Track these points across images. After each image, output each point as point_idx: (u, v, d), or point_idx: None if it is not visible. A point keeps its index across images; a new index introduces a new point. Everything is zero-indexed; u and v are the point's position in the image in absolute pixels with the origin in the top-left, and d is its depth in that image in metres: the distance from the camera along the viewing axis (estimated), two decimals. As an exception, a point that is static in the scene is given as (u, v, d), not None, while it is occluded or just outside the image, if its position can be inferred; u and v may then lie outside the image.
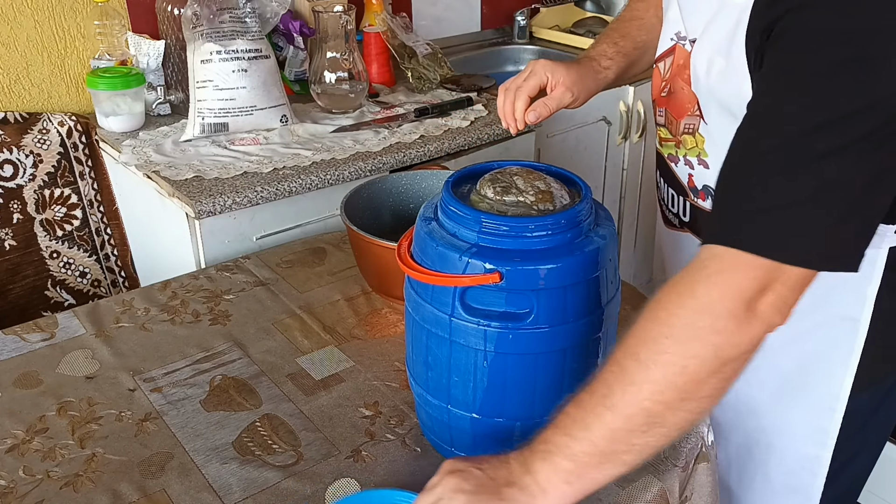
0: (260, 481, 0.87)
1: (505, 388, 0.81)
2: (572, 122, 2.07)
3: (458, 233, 0.78)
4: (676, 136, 1.01)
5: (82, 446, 0.92)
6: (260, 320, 1.17)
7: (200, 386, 1.03)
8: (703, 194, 1.01)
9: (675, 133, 1.01)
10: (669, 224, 1.13)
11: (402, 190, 1.30)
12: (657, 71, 1.04)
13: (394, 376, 1.05)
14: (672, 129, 1.01)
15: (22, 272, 1.71)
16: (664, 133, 1.04)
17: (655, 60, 1.05)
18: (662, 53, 1.02)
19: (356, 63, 1.80)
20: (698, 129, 0.97)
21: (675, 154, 1.02)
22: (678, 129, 1.00)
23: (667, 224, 1.14)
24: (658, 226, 1.21)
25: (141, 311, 1.19)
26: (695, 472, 0.94)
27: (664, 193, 1.12)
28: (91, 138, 1.75)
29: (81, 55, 1.78)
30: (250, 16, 1.65)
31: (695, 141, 0.98)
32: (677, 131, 1.00)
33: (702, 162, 0.98)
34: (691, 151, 0.99)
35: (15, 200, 1.68)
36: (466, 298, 0.78)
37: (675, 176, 1.05)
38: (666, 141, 1.04)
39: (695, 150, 0.98)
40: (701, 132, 0.97)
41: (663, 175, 1.09)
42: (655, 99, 1.06)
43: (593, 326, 0.81)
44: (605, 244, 0.80)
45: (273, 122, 1.68)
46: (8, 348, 1.10)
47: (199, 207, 1.39)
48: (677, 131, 1.00)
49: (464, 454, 0.88)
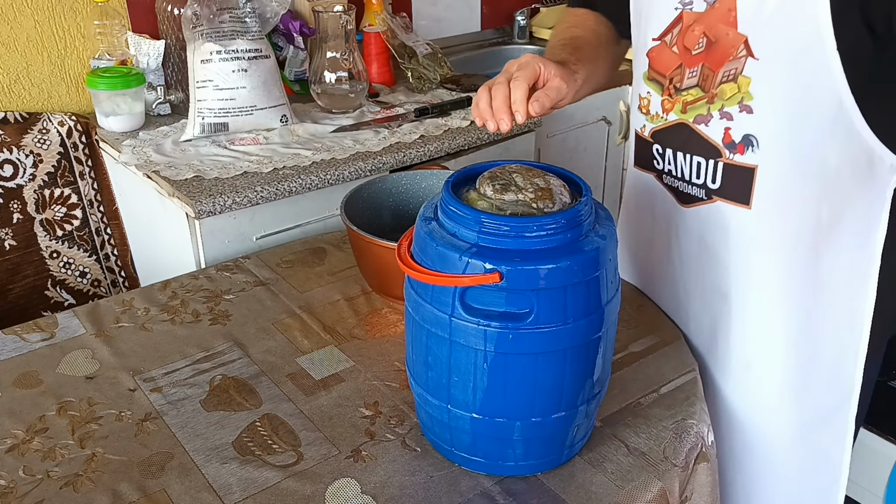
0: (260, 481, 0.87)
1: (505, 388, 0.81)
2: (572, 122, 2.07)
3: (458, 233, 0.78)
4: (711, 90, 0.99)
5: (82, 446, 0.92)
6: (260, 320, 1.17)
7: (200, 386, 1.03)
8: (742, 147, 0.98)
9: (710, 87, 0.99)
10: (687, 201, 1.09)
11: (402, 190, 1.30)
12: (664, 46, 1.04)
13: (394, 376, 1.05)
14: (706, 84, 1.00)
15: (22, 272, 1.71)
16: (692, 95, 1.02)
17: (659, 37, 1.04)
18: (667, 28, 1.03)
19: (356, 63, 1.80)
20: (742, 72, 0.95)
21: (707, 112, 1.01)
22: (714, 82, 0.99)
23: (683, 202, 1.10)
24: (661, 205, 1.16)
25: (141, 311, 1.19)
26: (695, 472, 0.95)
27: (682, 168, 1.07)
28: (91, 138, 1.75)
29: (81, 55, 1.78)
30: (250, 16, 1.65)
31: (736, 87, 0.97)
32: (713, 84, 0.99)
33: (744, 108, 0.97)
34: (730, 101, 0.98)
35: (15, 200, 1.68)
36: (466, 298, 0.78)
37: (705, 138, 1.02)
38: (693, 103, 1.02)
39: (735, 98, 0.97)
40: (746, 74, 0.95)
41: (681, 148, 1.06)
42: (683, 62, 1.02)
43: (593, 326, 0.81)
44: (605, 244, 0.80)
45: (273, 121, 1.68)
46: (8, 348, 1.10)
47: (199, 207, 1.39)
48: (713, 84, 0.99)
49: (464, 454, 0.88)
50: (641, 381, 1.04)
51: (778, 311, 1.05)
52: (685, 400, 1.01)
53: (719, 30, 0.97)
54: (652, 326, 1.16)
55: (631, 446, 0.93)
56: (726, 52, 0.96)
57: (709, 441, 0.99)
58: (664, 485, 0.88)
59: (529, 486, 0.87)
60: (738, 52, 0.95)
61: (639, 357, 1.09)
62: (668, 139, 1.08)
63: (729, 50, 0.96)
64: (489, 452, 0.87)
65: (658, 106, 1.07)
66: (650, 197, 1.16)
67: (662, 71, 1.05)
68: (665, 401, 1.01)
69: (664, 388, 1.03)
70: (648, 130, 1.10)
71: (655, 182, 1.13)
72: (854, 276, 1.04)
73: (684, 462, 0.92)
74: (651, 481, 0.88)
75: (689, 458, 0.93)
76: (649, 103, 1.09)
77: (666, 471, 0.90)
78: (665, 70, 1.05)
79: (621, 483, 0.88)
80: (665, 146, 1.08)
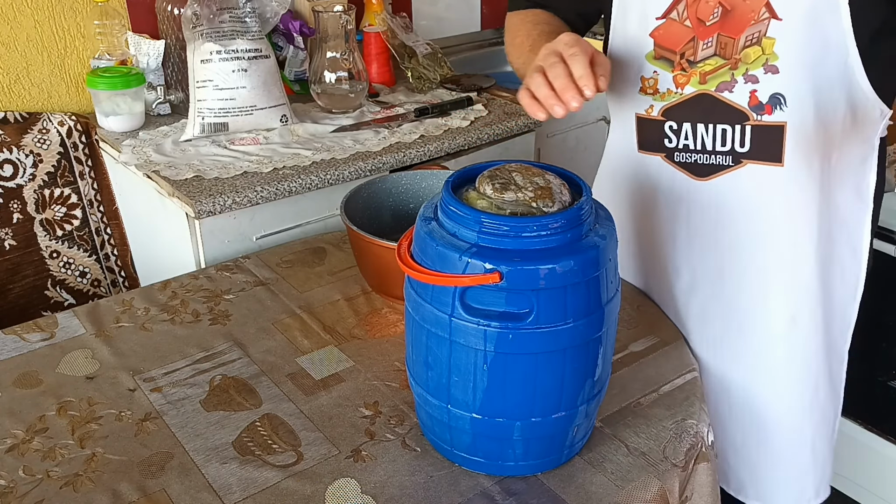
0: (260, 481, 0.87)
1: (505, 388, 0.81)
2: (572, 122, 2.07)
3: (458, 233, 0.78)
4: (733, 56, 1.01)
5: (82, 446, 0.92)
6: (260, 320, 1.17)
7: (200, 386, 1.03)
8: (770, 107, 1.01)
9: (732, 53, 1.01)
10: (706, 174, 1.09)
11: (402, 190, 1.30)
12: (671, 21, 1.04)
13: (394, 376, 1.05)
14: (726, 51, 1.01)
15: (22, 272, 1.71)
16: (711, 64, 1.03)
17: (664, 15, 1.05)
18: (671, 5, 1.04)
19: (356, 63, 1.80)
20: (765, 34, 0.98)
21: (731, 78, 1.02)
22: (736, 48, 1.01)
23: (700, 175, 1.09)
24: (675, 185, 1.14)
25: (141, 311, 1.19)
26: (695, 472, 0.94)
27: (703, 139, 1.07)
28: (91, 138, 1.75)
29: (81, 55, 1.78)
30: (250, 16, 1.65)
31: (760, 49, 0.99)
32: (735, 50, 1.01)
33: (769, 68, 0.99)
34: (754, 64, 1.00)
35: (15, 200, 1.68)
36: (466, 298, 0.78)
37: (730, 104, 1.03)
38: (713, 72, 1.03)
39: (760, 60, 1.00)
40: (770, 34, 0.98)
41: (702, 119, 1.06)
42: (696, 35, 1.03)
43: (593, 326, 0.81)
44: (605, 244, 0.80)
45: (273, 121, 1.68)
46: (8, 348, 1.10)
47: (199, 207, 1.39)
48: (735, 50, 1.01)
49: (464, 454, 0.88)
50: (641, 381, 1.04)
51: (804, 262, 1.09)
52: (685, 400, 1.01)
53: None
54: (652, 326, 1.16)
55: (631, 446, 0.93)
56: (746, 16, 0.99)
57: (709, 441, 0.99)
58: (664, 485, 0.88)
59: (529, 486, 0.87)
60: (759, 15, 0.98)
61: (639, 357, 1.09)
62: (684, 113, 1.08)
63: (749, 15, 0.99)
64: (489, 452, 0.87)
65: (669, 82, 1.07)
66: (654, 181, 1.15)
67: (671, 47, 1.05)
68: (665, 401, 1.01)
69: (664, 388, 1.03)
70: (658, 109, 1.10)
71: (662, 163, 1.13)
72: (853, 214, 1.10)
73: (684, 462, 0.92)
74: (651, 481, 0.88)
75: (688, 458, 0.93)
76: (656, 82, 1.09)
77: (666, 471, 0.90)
78: (675, 46, 1.05)
79: (621, 483, 0.88)
80: (681, 121, 1.08)
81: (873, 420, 1.83)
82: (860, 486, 1.88)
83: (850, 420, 1.83)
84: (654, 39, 1.07)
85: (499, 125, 1.79)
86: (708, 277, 1.14)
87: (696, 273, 1.15)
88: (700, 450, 0.96)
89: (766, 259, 1.09)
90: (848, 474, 1.88)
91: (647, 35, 1.07)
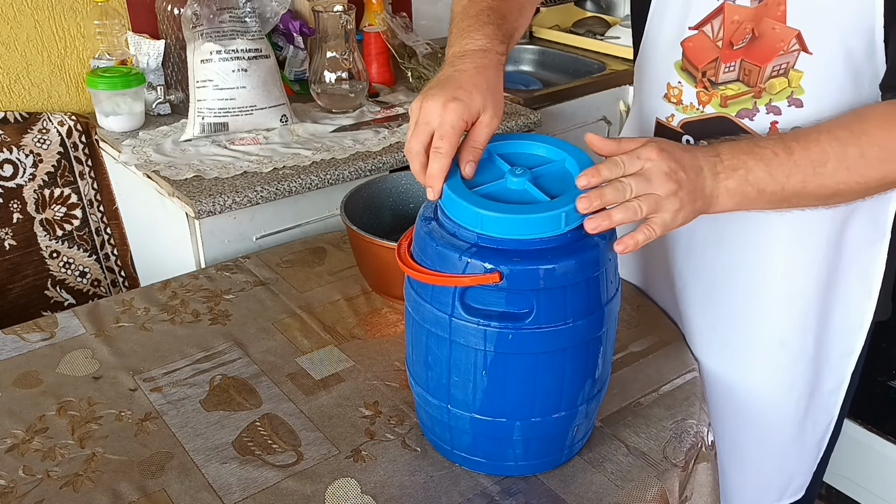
0: (260, 481, 0.87)
1: (505, 388, 0.81)
2: (572, 122, 2.07)
3: (458, 233, 0.78)
4: (758, 84, 0.99)
5: (82, 446, 0.92)
6: (260, 320, 1.17)
7: (200, 386, 1.03)
8: None
9: (757, 82, 0.99)
10: None
11: (402, 190, 1.30)
12: (703, 35, 1.03)
13: (394, 376, 1.05)
14: (751, 79, 1.00)
15: (22, 272, 1.71)
16: (733, 89, 1.02)
17: (697, 26, 1.03)
18: (707, 16, 1.01)
19: (356, 63, 1.80)
20: (793, 66, 0.96)
21: (753, 107, 1.01)
22: (762, 77, 0.99)
23: None
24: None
25: (141, 311, 1.19)
26: (695, 472, 0.95)
27: None
28: (91, 138, 1.75)
29: (81, 55, 1.78)
30: (250, 15, 1.65)
31: (786, 81, 0.97)
32: (760, 79, 0.99)
33: (794, 102, 0.97)
34: (779, 95, 0.98)
35: (15, 200, 1.68)
36: (466, 298, 0.78)
37: (748, 131, 1.02)
38: (734, 98, 1.02)
39: (785, 92, 0.97)
40: (798, 68, 0.96)
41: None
42: (720, 56, 1.01)
43: (593, 326, 0.81)
44: (605, 244, 0.80)
45: (273, 121, 1.68)
46: (8, 348, 1.10)
47: (198, 207, 1.39)
48: (760, 79, 0.99)
49: (464, 454, 0.88)
50: (641, 381, 1.04)
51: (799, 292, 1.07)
52: (685, 400, 1.01)
53: (765, 24, 0.97)
54: (652, 326, 1.16)
55: (631, 446, 0.93)
56: (774, 46, 0.97)
57: (708, 441, 0.99)
58: (664, 485, 0.88)
59: (529, 486, 0.87)
60: (789, 46, 0.96)
61: (639, 357, 1.09)
62: (703, 131, 1.06)
63: (777, 45, 0.96)
64: (489, 452, 0.87)
65: (692, 97, 1.06)
66: None
67: (696, 63, 1.04)
68: (665, 401, 1.01)
69: (664, 388, 1.03)
70: (678, 120, 1.09)
71: None
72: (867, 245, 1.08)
73: (684, 462, 0.92)
74: (651, 481, 0.88)
75: (688, 458, 0.93)
76: (681, 93, 1.07)
77: (666, 471, 0.90)
78: (699, 63, 1.04)
79: (621, 483, 0.88)
80: (699, 138, 1.07)
81: (873, 420, 1.82)
82: (860, 486, 1.88)
83: (850, 420, 1.83)
84: (684, 49, 1.05)
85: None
86: (701, 290, 1.14)
87: (691, 284, 1.15)
88: (700, 450, 0.96)
89: (756, 286, 1.08)
90: (848, 474, 1.88)
91: (679, 43, 1.05)
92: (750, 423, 1.15)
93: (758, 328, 1.10)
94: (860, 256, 1.07)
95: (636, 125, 1.20)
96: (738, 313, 1.11)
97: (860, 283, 1.08)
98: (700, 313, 1.14)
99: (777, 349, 1.09)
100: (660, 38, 1.09)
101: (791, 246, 1.05)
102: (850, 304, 1.09)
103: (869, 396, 1.80)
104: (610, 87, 2.13)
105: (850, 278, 1.08)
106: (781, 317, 1.08)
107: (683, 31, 1.04)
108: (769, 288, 1.08)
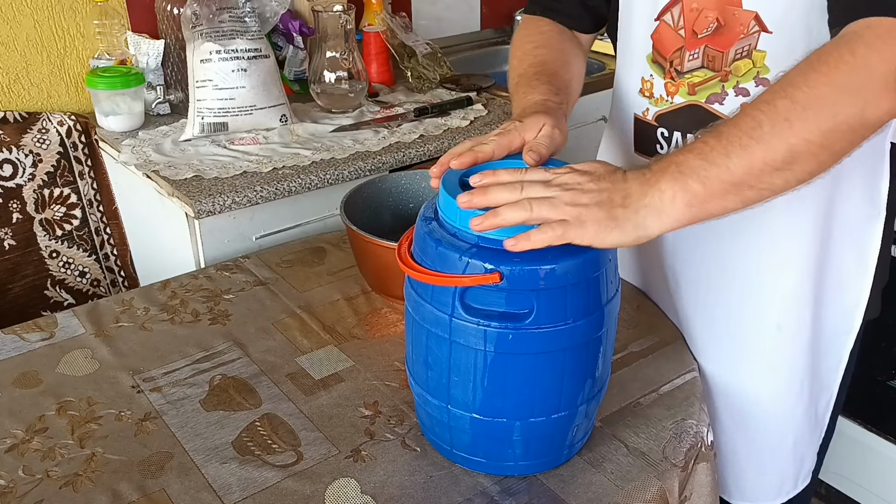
0: (260, 481, 0.87)
1: (505, 388, 0.81)
2: (572, 122, 2.05)
3: (459, 233, 0.78)
4: (723, 69, 1.00)
5: (82, 446, 0.92)
6: (260, 320, 1.17)
7: (200, 385, 1.03)
8: None
9: (722, 67, 1.00)
10: None
11: (402, 190, 1.30)
12: (665, 25, 1.03)
13: (394, 376, 1.05)
14: (715, 64, 1.00)
15: (21, 272, 1.71)
16: (699, 76, 1.02)
17: (658, 17, 1.04)
18: (666, 6, 1.02)
19: (356, 63, 1.80)
20: (755, 47, 0.97)
21: (721, 91, 1.01)
22: (726, 61, 0.99)
23: None
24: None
25: (140, 311, 1.19)
26: (694, 472, 0.95)
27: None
28: (90, 138, 1.75)
29: (81, 55, 1.78)
30: (250, 15, 1.65)
31: (751, 62, 0.98)
32: (724, 63, 0.99)
33: (761, 81, 0.98)
34: (745, 77, 0.99)
35: (14, 200, 1.68)
36: (466, 298, 0.78)
37: (720, 116, 1.02)
38: (702, 84, 1.02)
39: (751, 73, 0.98)
40: (760, 48, 0.96)
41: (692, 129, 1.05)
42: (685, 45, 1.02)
43: (593, 326, 0.81)
44: (605, 244, 0.80)
45: (273, 121, 1.68)
46: (7, 348, 1.10)
47: (198, 207, 1.39)
48: (724, 63, 0.99)
49: (464, 454, 0.88)
50: (641, 381, 1.04)
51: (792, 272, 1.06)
52: (685, 400, 1.01)
53: (727, 11, 0.97)
54: (652, 326, 1.16)
55: (631, 446, 0.93)
56: (735, 31, 0.97)
57: (708, 441, 0.99)
58: (664, 485, 0.88)
59: (529, 486, 0.87)
60: (749, 28, 0.96)
61: (639, 357, 1.09)
62: (675, 122, 1.07)
63: (738, 29, 0.97)
64: (489, 452, 0.87)
65: (661, 89, 1.07)
66: None
67: (664, 53, 1.05)
68: (665, 401, 1.01)
69: (664, 388, 1.03)
70: (652, 114, 1.09)
71: None
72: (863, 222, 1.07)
73: (684, 462, 0.92)
74: (650, 481, 0.88)
75: (688, 458, 0.93)
76: (652, 86, 1.08)
77: (665, 471, 0.90)
78: (666, 52, 1.05)
79: (621, 483, 0.88)
80: (672, 129, 1.08)
81: (873, 420, 1.83)
82: (860, 486, 1.88)
83: (850, 420, 1.83)
84: (654, 42, 1.06)
85: (498, 125, 1.77)
86: (696, 282, 1.14)
87: (687, 276, 1.15)
88: (700, 450, 0.96)
89: (749, 268, 1.08)
90: (848, 474, 1.88)
91: (649, 36, 1.06)
92: (755, 413, 1.14)
93: (755, 317, 1.10)
94: (854, 234, 1.07)
95: (617, 126, 1.21)
96: (735, 306, 1.11)
97: (856, 261, 1.09)
98: (698, 312, 1.14)
99: (775, 334, 1.10)
100: (631, 31, 1.09)
101: (781, 235, 1.05)
102: (847, 283, 1.10)
103: (868, 396, 1.80)
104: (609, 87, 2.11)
105: (846, 257, 1.08)
106: (776, 302, 1.09)
107: (651, 24, 1.05)
108: (763, 276, 1.08)
